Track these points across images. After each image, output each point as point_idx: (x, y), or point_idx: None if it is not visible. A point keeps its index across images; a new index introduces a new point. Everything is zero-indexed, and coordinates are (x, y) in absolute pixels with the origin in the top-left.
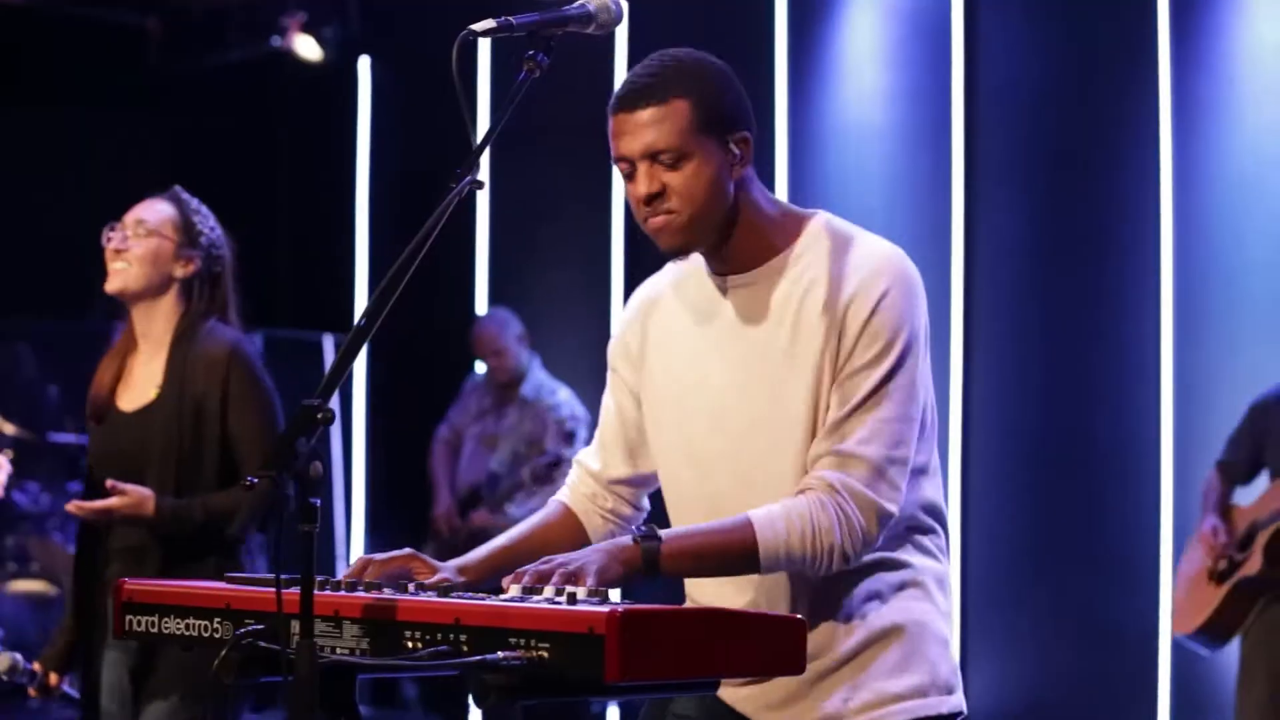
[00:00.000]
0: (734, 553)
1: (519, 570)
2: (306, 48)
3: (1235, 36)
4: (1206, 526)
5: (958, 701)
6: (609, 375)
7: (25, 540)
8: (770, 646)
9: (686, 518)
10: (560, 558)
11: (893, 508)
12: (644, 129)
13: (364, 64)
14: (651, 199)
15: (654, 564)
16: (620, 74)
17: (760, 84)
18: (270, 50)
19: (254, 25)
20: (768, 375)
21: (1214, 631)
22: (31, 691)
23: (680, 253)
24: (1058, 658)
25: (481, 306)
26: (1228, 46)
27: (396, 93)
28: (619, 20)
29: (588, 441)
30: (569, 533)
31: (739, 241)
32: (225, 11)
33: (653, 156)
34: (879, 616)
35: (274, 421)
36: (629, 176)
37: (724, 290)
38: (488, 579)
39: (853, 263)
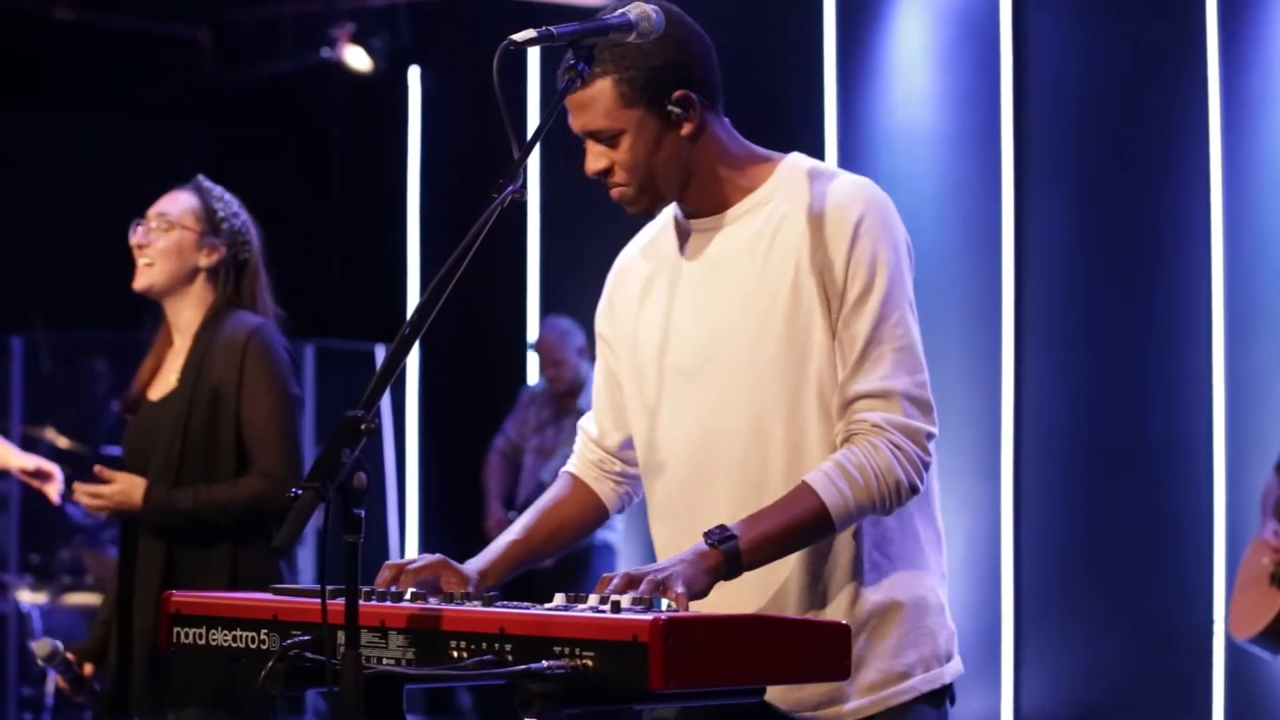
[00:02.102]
0: (807, 524)
1: (605, 576)
2: (356, 58)
3: None
4: (1267, 531)
5: (956, 667)
6: (597, 342)
7: (79, 553)
8: (815, 652)
9: (657, 476)
10: (646, 568)
11: (934, 428)
12: (578, 111)
13: (414, 74)
14: (600, 175)
15: (736, 562)
16: None
17: (810, 88)
18: (320, 61)
19: (304, 36)
20: (746, 313)
21: (1275, 636)
22: (61, 682)
23: (647, 214)
24: (1111, 658)
25: (533, 316)
26: (1277, 44)
27: (446, 102)
28: (660, 30)
29: None
30: (580, 505)
31: (703, 188)
32: (276, 23)
33: (592, 135)
34: (881, 594)
35: (285, 409)
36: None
37: (693, 234)
38: (511, 573)
39: (822, 197)
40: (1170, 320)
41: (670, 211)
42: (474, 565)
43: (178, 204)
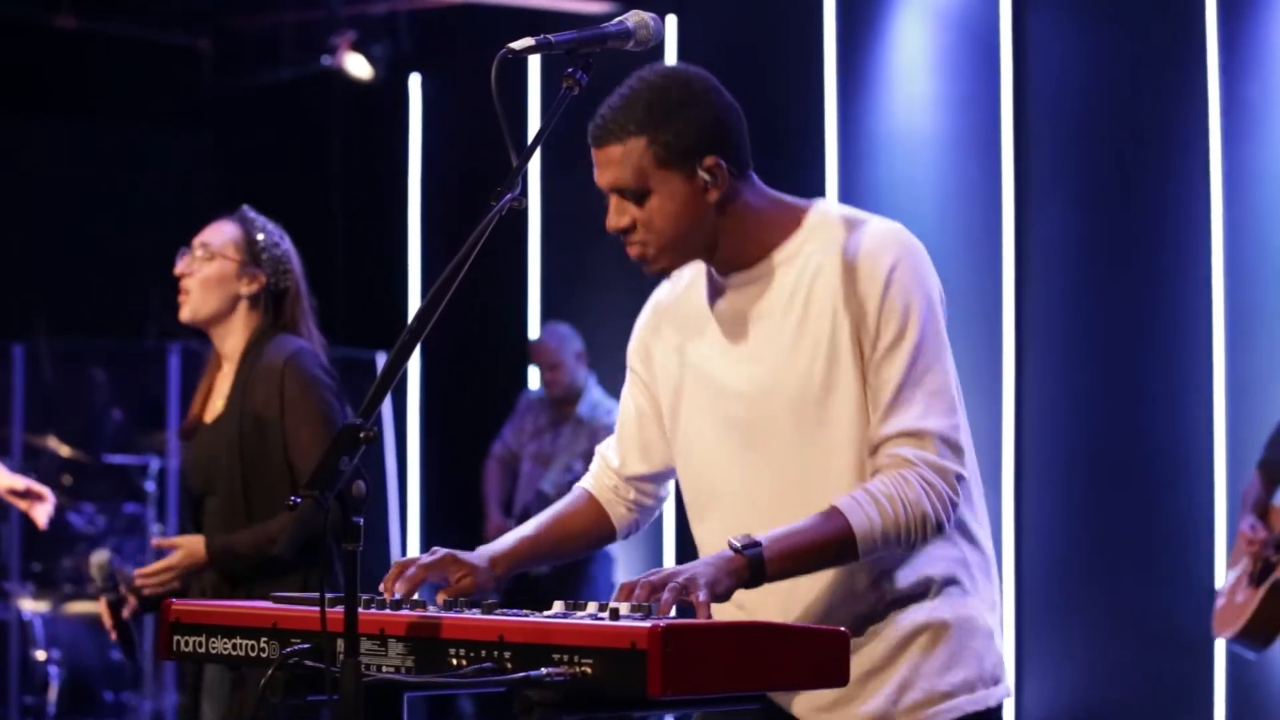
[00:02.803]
0: (832, 545)
1: (626, 583)
2: (357, 66)
3: None
4: (1245, 525)
5: (1004, 690)
6: (628, 374)
7: (81, 562)
8: (813, 658)
9: (709, 514)
10: (669, 569)
11: (965, 471)
12: (607, 166)
13: (414, 81)
14: (622, 232)
15: (760, 570)
16: None
17: (810, 93)
18: (321, 69)
19: (305, 44)
20: (782, 363)
21: (1255, 634)
22: (102, 605)
23: (664, 275)
24: (1112, 662)
25: (534, 324)
26: (1276, 50)
27: (447, 110)
28: (658, 38)
29: None
30: (591, 521)
31: (732, 246)
32: (277, 31)
33: (618, 192)
34: (925, 613)
35: (329, 430)
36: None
37: (728, 288)
38: (517, 567)
39: (855, 243)
40: (1170, 325)
41: (703, 265)
42: (484, 552)
43: (220, 234)
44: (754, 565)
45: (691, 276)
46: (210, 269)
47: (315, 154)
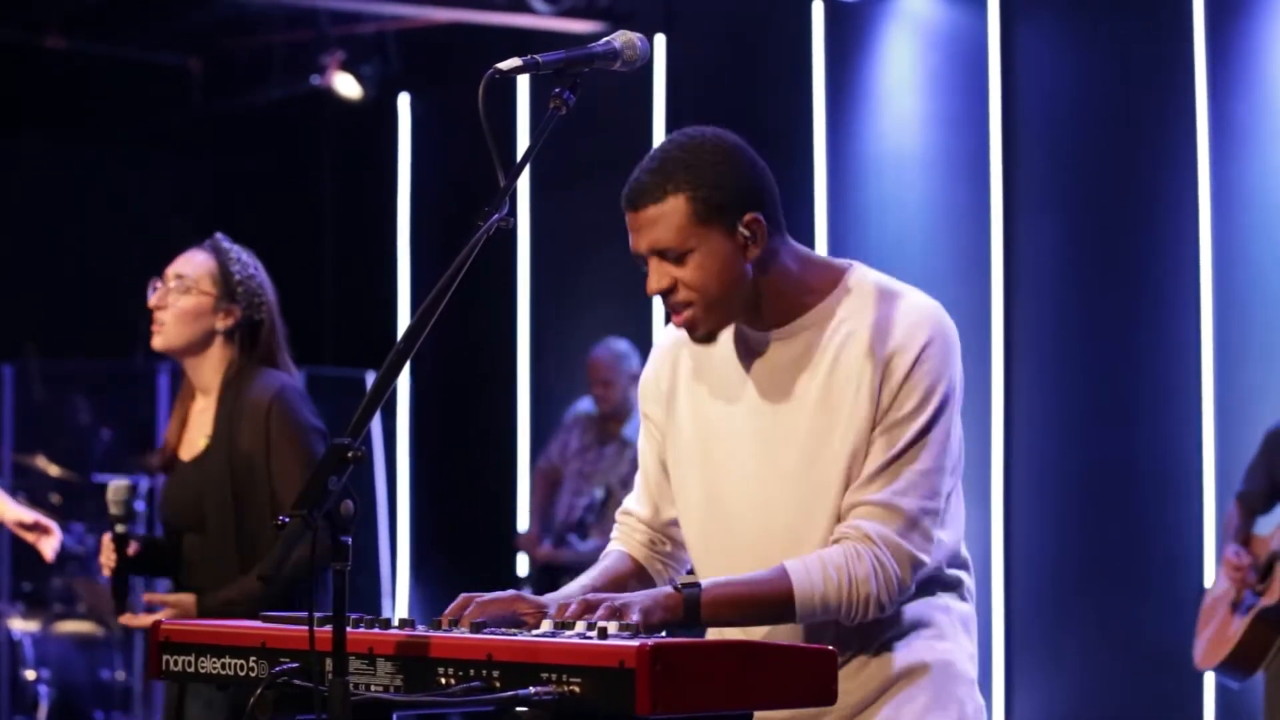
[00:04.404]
0: (771, 602)
1: (563, 602)
2: (346, 86)
3: (1272, 60)
4: (1229, 551)
5: None
6: (642, 420)
7: (71, 581)
8: (801, 678)
9: (709, 566)
10: (607, 595)
11: (925, 557)
12: (646, 228)
13: (404, 101)
14: (664, 294)
15: (694, 611)
16: (659, 113)
17: (799, 113)
18: (311, 89)
19: (294, 64)
20: (801, 426)
21: (1238, 665)
22: (107, 540)
23: (705, 340)
24: (1102, 681)
25: (524, 344)
26: (1264, 70)
27: (436, 129)
28: (645, 58)
29: None
30: (638, 579)
31: (767, 306)
32: (266, 51)
33: (659, 254)
34: (908, 655)
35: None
36: (644, 268)
37: (757, 341)
38: None
39: (893, 317)
40: (1160, 344)
41: None
42: (555, 598)
43: (195, 266)
44: (689, 604)
45: None
46: (185, 302)
47: (305, 174)
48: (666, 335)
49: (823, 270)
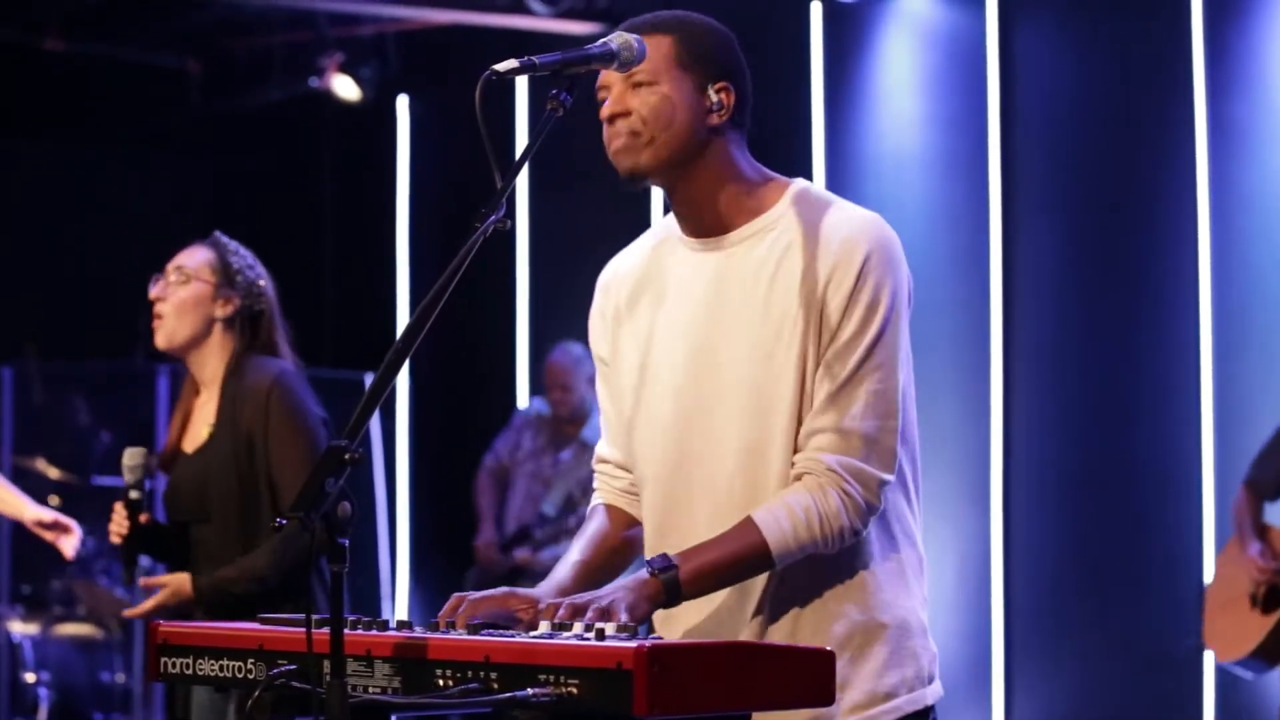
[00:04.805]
0: (748, 559)
1: (551, 603)
2: (345, 88)
3: (1270, 60)
4: (1253, 550)
5: (938, 689)
6: (595, 365)
7: (71, 584)
8: (799, 679)
9: (656, 489)
10: (590, 594)
11: (890, 476)
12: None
13: (402, 103)
14: (614, 118)
15: (675, 591)
16: None
17: (797, 114)
18: (309, 90)
19: (293, 66)
20: (744, 337)
21: (1264, 658)
22: (119, 508)
23: (633, 176)
24: (1102, 682)
25: (523, 345)
26: (1263, 69)
27: (435, 131)
28: (642, 58)
29: None
30: (625, 530)
31: (712, 199)
32: (265, 52)
33: (627, 82)
34: (863, 613)
35: (313, 453)
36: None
37: (697, 254)
38: None
39: (831, 229)
40: (1158, 343)
41: (667, 229)
42: (547, 588)
43: (194, 258)
44: (670, 587)
45: (643, 250)
46: (185, 292)
47: (304, 175)
48: (605, 271)
49: (769, 181)
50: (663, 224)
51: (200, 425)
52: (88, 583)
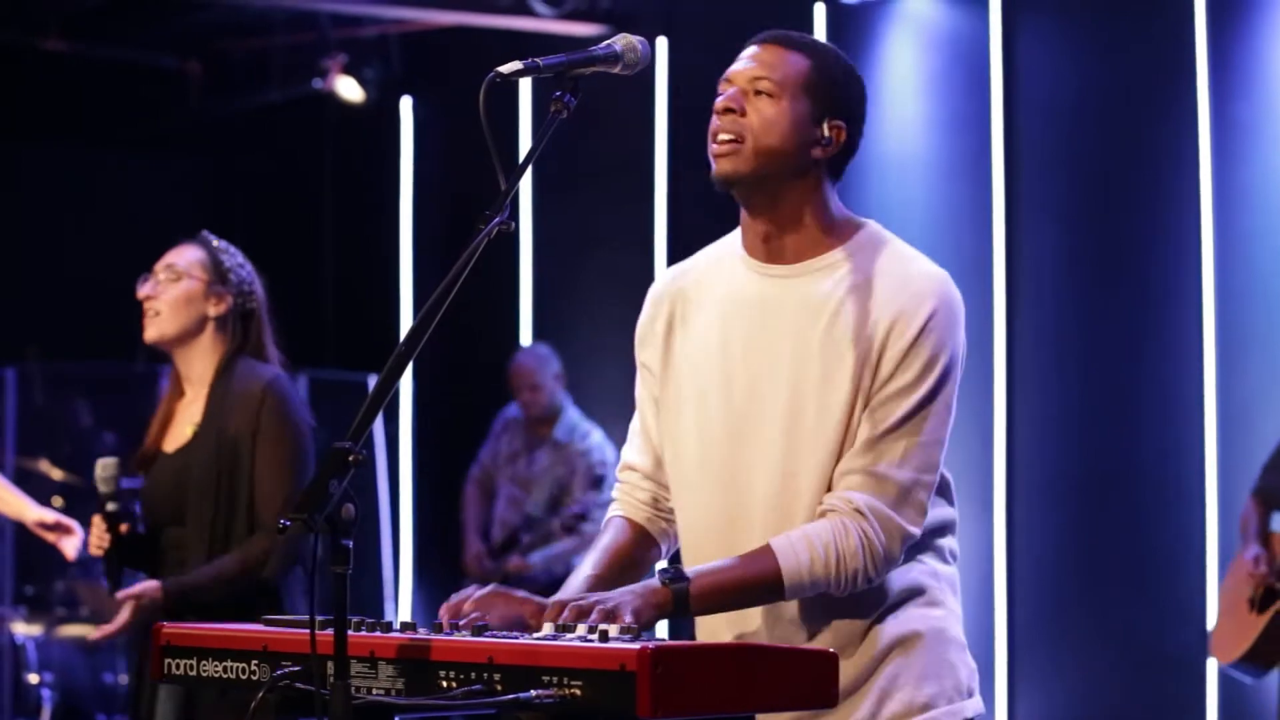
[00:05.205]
0: (759, 584)
1: (557, 602)
2: (348, 89)
3: (1273, 61)
4: (1249, 555)
5: (978, 704)
6: (638, 370)
7: (73, 585)
8: (802, 680)
9: (692, 502)
10: (596, 596)
11: (916, 530)
12: (759, 64)
13: (406, 104)
14: (727, 112)
15: (684, 604)
16: (661, 115)
17: None
18: (312, 92)
19: (295, 67)
20: (799, 371)
21: (1256, 660)
22: (98, 520)
23: (726, 181)
24: (1103, 683)
25: (526, 344)
26: (1266, 70)
27: (438, 132)
28: (645, 61)
29: None
30: (639, 546)
31: (790, 227)
32: (266, 54)
33: (751, 84)
34: (901, 625)
35: (299, 462)
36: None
37: (762, 277)
38: None
39: (901, 279)
40: (1162, 345)
41: (729, 247)
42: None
43: (185, 256)
44: (678, 598)
45: (704, 265)
46: (177, 289)
47: (306, 177)
48: (661, 281)
49: (846, 219)
50: (725, 241)
51: (184, 425)
52: (90, 584)
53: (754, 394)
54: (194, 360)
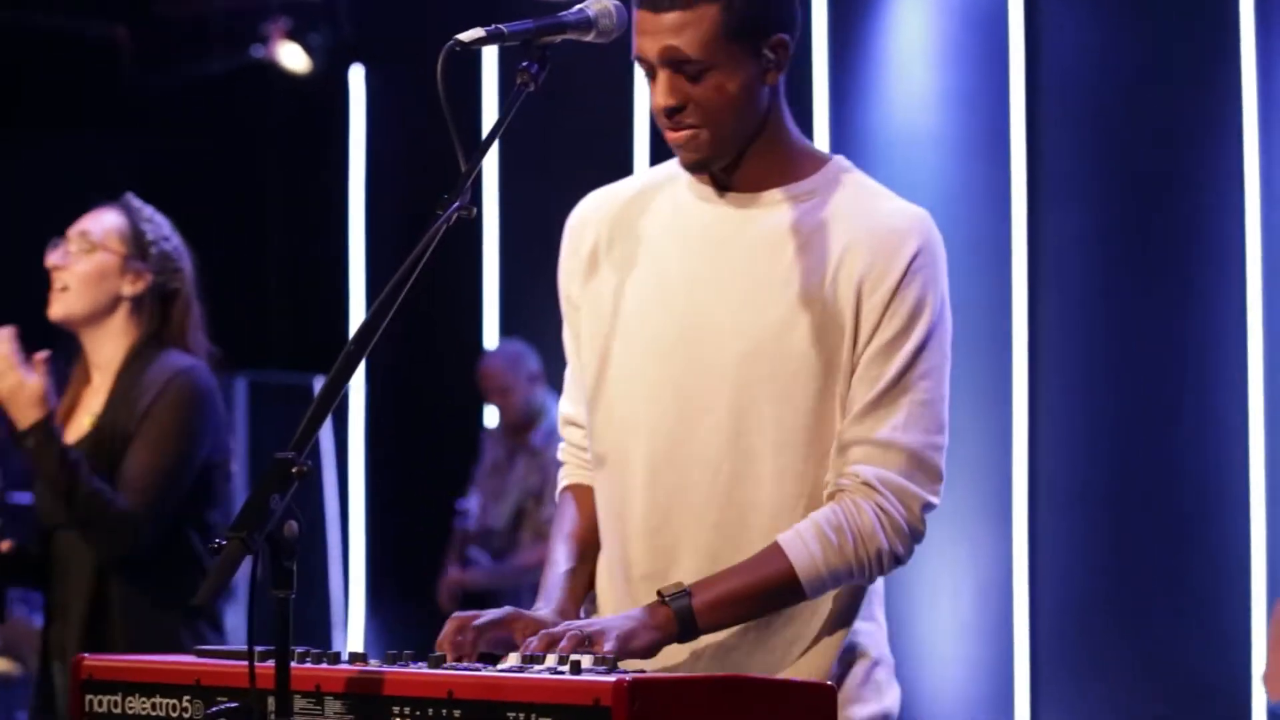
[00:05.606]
0: (773, 587)
1: (526, 639)
2: (292, 57)
3: None
4: None
5: None
6: (563, 304)
7: None
8: (797, 714)
9: (619, 466)
10: (580, 622)
11: (935, 498)
12: (666, 33)
13: (356, 73)
14: (672, 112)
15: (689, 621)
16: (640, 95)
17: (798, 88)
18: (252, 61)
19: (233, 34)
20: (754, 316)
21: None
22: None
23: (700, 168)
24: (1135, 713)
25: (491, 342)
26: None
27: (393, 105)
28: (621, 28)
29: None
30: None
31: (753, 156)
32: (202, 19)
33: (674, 65)
34: (840, 640)
35: (173, 457)
36: (650, 77)
37: (713, 205)
38: (584, 601)
39: (877, 216)
40: (1201, 341)
41: (667, 172)
42: (547, 610)
43: (101, 224)
44: (682, 616)
45: (639, 188)
46: (90, 262)
47: (247, 155)
48: (584, 205)
49: (809, 150)
50: (661, 167)
51: (84, 415)
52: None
53: (697, 340)
54: (103, 344)
